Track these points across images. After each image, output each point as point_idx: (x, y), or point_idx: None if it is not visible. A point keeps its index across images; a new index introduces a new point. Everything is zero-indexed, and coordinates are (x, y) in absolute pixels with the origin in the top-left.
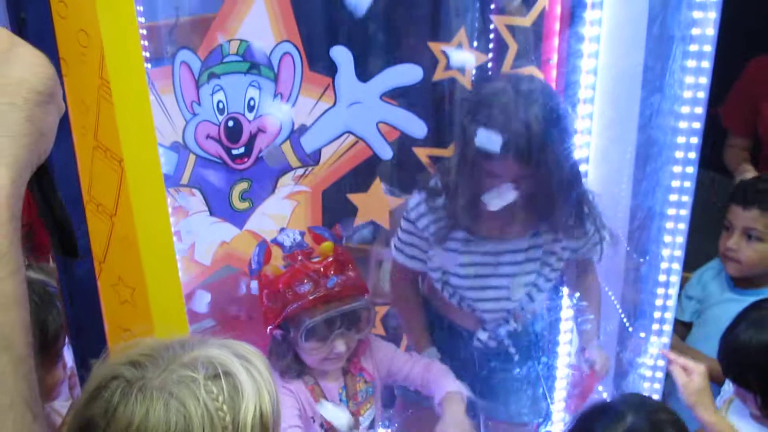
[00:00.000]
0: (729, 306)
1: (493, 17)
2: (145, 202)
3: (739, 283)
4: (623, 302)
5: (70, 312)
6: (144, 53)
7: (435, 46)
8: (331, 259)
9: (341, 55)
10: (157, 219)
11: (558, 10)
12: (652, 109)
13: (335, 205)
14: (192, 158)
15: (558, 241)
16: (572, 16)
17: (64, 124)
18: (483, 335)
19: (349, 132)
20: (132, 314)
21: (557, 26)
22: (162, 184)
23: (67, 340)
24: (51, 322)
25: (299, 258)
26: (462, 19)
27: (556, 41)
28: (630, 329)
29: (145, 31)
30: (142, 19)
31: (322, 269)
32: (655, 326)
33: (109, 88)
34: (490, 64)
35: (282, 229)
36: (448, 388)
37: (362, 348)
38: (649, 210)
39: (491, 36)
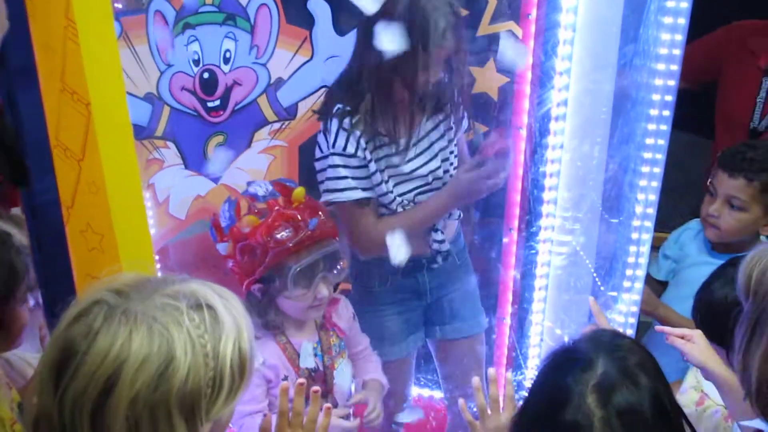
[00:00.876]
0: (705, 268)
1: None
2: (113, 148)
3: (717, 247)
4: (596, 259)
5: (39, 259)
6: (115, 4)
7: None
8: (306, 203)
9: (319, 7)
10: (125, 165)
11: None
12: (625, 59)
13: (312, 160)
14: (166, 110)
15: (448, 118)
16: None
17: (31, 66)
18: (437, 235)
19: (326, 86)
20: (100, 262)
21: None
22: (130, 129)
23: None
24: (17, 263)
25: (277, 206)
26: None
27: None
28: (602, 288)
29: None
30: None
31: (299, 215)
32: (627, 283)
33: (75, 28)
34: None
35: (249, 182)
36: (373, 375)
37: (333, 305)
38: (621, 165)
39: None
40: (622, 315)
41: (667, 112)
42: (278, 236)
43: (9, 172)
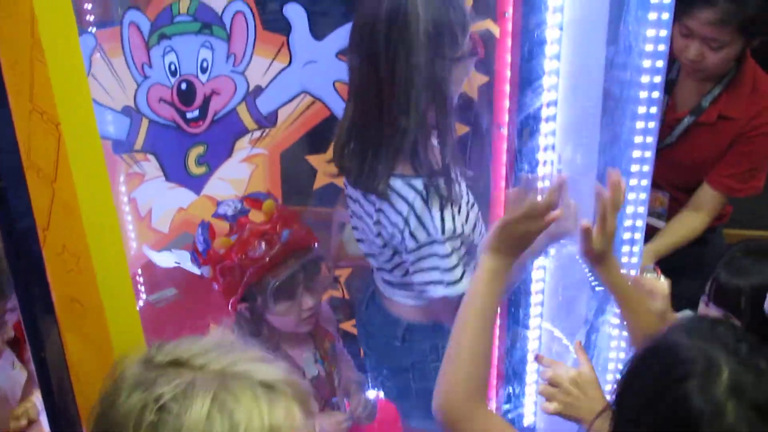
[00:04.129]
0: None
1: None
2: (85, 168)
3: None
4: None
5: (16, 282)
6: (88, 17)
7: None
8: (276, 216)
9: (295, 12)
10: (98, 185)
11: None
12: (606, 60)
13: (294, 167)
14: (145, 122)
15: None
16: None
17: (0, 85)
18: None
19: (306, 92)
20: (78, 283)
21: None
22: (101, 149)
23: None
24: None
25: (248, 223)
26: None
27: None
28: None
29: None
30: None
31: (271, 227)
32: None
33: (41, 47)
34: None
35: (219, 203)
36: (350, 374)
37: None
38: (610, 165)
39: None
40: (616, 317)
41: (654, 109)
42: (252, 253)
43: None
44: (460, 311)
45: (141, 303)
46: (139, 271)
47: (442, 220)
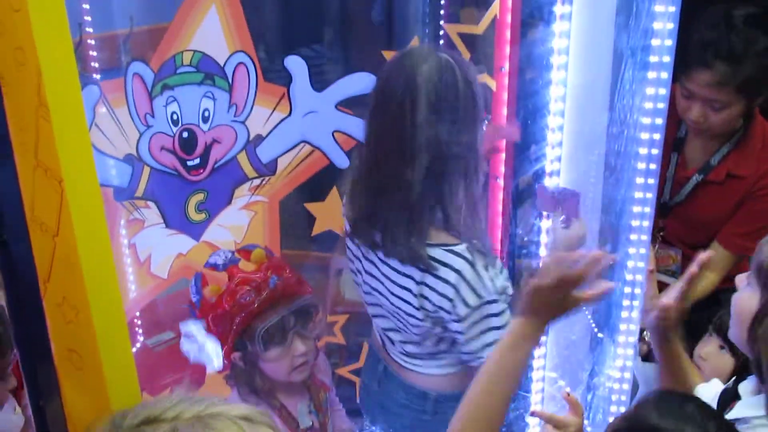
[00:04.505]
0: None
1: (444, 25)
2: (86, 223)
3: None
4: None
5: (17, 331)
6: (94, 63)
7: (389, 55)
8: (268, 263)
9: (296, 64)
10: (98, 240)
11: (509, 18)
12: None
13: (293, 215)
14: (147, 170)
15: None
16: (541, 22)
17: (6, 142)
18: None
19: (305, 141)
20: (77, 335)
21: (508, 34)
22: (101, 205)
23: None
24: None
25: (238, 272)
26: (415, 28)
27: (507, 49)
28: (600, 335)
29: (94, 42)
30: (90, 30)
31: (260, 275)
32: (621, 338)
33: (47, 108)
34: None
35: (215, 252)
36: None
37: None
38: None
39: (441, 42)
40: (618, 371)
41: (653, 166)
42: (241, 301)
43: None
44: (482, 372)
45: (138, 346)
46: (137, 314)
47: (491, 279)
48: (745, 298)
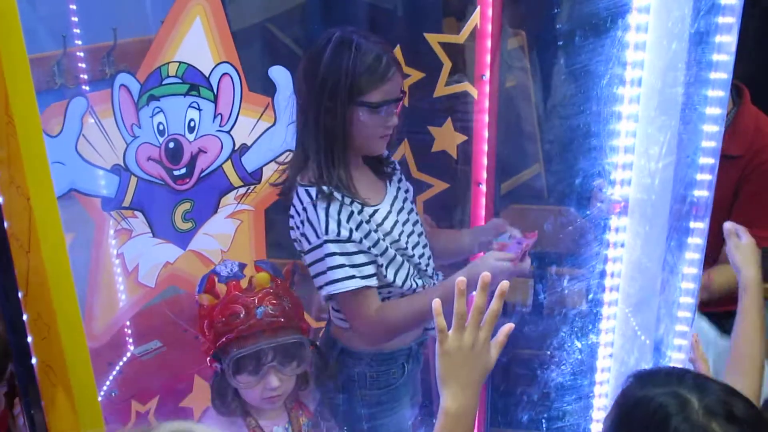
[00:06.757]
0: None
1: (426, 35)
2: (49, 240)
3: None
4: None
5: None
6: (82, 75)
7: None
8: (267, 290)
9: (280, 74)
10: (60, 262)
11: (489, 27)
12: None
13: (278, 224)
14: (134, 180)
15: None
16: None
17: None
18: None
19: (290, 150)
20: (49, 351)
21: (489, 43)
22: (59, 225)
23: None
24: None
25: (235, 289)
26: (397, 38)
27: (488, 57)
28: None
29: (83, 54)
30: (79, 42)
31: (255, 300)
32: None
33: (14, 125)
34: None
35: (225, 260)
36: None
37: (303, 383)
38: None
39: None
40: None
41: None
42: (230, 319)
43: None
44: None
45: (129, 356)
46: (128, 323)
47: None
48: None
